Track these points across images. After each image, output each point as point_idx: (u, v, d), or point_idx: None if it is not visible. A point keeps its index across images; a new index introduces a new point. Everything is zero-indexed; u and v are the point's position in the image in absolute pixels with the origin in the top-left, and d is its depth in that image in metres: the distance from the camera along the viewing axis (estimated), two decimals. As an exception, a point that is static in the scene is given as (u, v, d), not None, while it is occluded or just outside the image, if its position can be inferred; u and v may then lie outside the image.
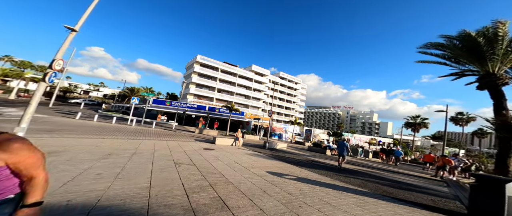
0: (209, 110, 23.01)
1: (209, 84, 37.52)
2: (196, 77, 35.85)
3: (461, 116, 42.34)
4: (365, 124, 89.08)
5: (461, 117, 42.22)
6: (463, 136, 52.54)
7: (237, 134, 10.66)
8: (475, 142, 72.91)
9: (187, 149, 7.04)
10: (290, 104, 55.82)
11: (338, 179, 5.27)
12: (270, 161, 6.82)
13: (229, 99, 40.02)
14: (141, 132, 10.39)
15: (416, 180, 7.56)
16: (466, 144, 67.30)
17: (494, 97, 8.01)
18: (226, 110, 24.77)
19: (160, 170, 3.87)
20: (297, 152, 12.15)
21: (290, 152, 11.02)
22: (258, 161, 6.49)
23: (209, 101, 36.03)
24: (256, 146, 11.62)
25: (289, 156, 9.19)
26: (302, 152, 12.34)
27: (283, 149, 12.24)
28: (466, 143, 72.75)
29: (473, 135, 50.42)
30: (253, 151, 8.93)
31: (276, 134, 26.55)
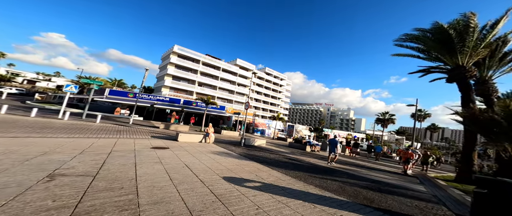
0: (184, 103, 20.59)
1: (188, 77, 34.34)
2: (173, 68, 32.29)
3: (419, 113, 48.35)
4: (343, 120, 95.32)
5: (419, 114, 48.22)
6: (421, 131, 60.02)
7: (208, 129, 9.13)
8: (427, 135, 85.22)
9: (122, 148, 5.29)
10: (275, 100, 55.65)
11: (313, 184, 4.27)
12: (238, 161, 5.56)
13: (212, 93, 37.52)
14: (70, 129, 8.00)
15: (391, 177, 7.20)
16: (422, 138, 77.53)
17: (462, 90, 8.15)
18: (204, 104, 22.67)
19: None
20: (276, 149, 11.21)
21: (267, 149, 9.97)
22: (222, 162, 5.16)
23: (189, 95, 33.04)
24: (231, 143, 10.28)
25: (265, 154, 8.10)
26: (281, 149, 11.46)
27: (261, 146, 11.15)
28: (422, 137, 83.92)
29: (427, 130, 58.70)
30: (223, 149, 7.57)
31: (258, 129, 25.55)
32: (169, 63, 31.88)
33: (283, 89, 58.29)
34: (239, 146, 9.56)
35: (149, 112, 20.09)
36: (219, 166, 4.71)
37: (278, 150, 10.47)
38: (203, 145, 8.10)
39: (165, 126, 12.63)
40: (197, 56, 36.13)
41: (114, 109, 17.69)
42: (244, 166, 5.14)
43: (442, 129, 58.05)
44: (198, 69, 35.74)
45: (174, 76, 32.19)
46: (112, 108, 19.43)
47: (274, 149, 10.65)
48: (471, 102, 7.42)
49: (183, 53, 33.71)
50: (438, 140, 78.36)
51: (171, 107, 19.35)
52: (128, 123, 11.78)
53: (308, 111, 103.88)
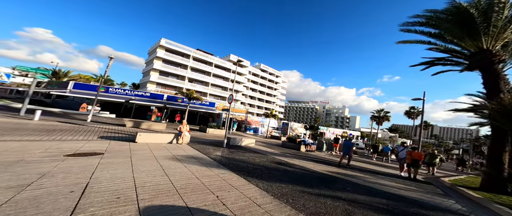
0: (168, 99, 18.56)
1: (177, 72, 32.07)
2: (159, 63, 29.92)
3: (413, 110, 48.34)
4: (338, 118, 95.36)
5: (413, 111, 48.19)
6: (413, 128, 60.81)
7: (181, 127, 7.37)
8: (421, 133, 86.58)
9: (22, 158, 3.47)
10: (271, 98, 54.11)
11: (305, 209, 2.65)
12: (204, 172, 3.92)
13: (204, 90, 35.46)
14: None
15: (404, 186, 5.77)
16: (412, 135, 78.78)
17: (487, 78, 6.82)
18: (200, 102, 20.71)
19: None
20: (265, 149, 9.61)
21: (254, 151, 8.35)
22: (177, 175, 3.51)
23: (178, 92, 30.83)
24: (213, 144, 8.60)
25: (250, 157, 6.49)
26: (271, 149, 9.86)
27: (249, 147, 9.52)
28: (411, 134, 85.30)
29: (419, 127, 59.22)
30: (196, 152, 5.92)
31: (251, 128, 23.91)
32: (155, 57, 29.49)
33: (279, 86, 56.80)
34: (220, 147, 7.88)
35: (128, 109, 17.97)
36: (164, 182, 3.02)
37: (267, 151, 8.87)
38: (172, 147, 6.37)
39: (134, 124, 10.69)
40: (187, 50, 33.84)
41: (80, 105, 15.47)
42: (209, 179, 3.48)
43: (431, 126, 59.51)
44: (188, 64, 33.51)
45: (161, 71, 29.85)
46: (77, 103, 17.15)
47: (263, 150, 9.04)
48: (500, 92, 6.03)
49: (171, 47, 31.34)
50: (427, 137, 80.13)
51: (152, 103, 17.32)
52: (87, 120, 9.76)
53: (304, 109, 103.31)
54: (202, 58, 36.32)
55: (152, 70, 28.93)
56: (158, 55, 29.18)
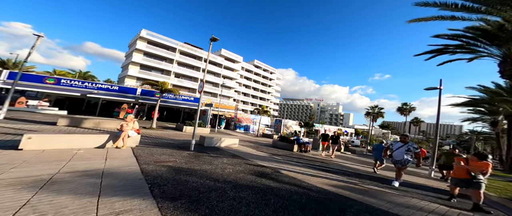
0: (142, 94, 15.90)
1: (162, 67, 29.10)
2: (140, 56, 26.83)
3: (405, 107, 48.06)
4: (332, 115, 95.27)
5: (405, 107, 47.93)
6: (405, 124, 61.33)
7: (123, 125, 5.07)
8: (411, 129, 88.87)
9: None
10: (265, 95, 52.08)
11: None
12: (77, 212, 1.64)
13: (193, 86, 32.74)
14: None
15: (430, 198, 3.83)
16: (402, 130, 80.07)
17: None
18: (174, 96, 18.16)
19: None
20: (251, 151, 7.52)
21: (233, 155, 6.26)
22: None
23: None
24: (177, 147, 6.45)
25: (216, 168, 4.46)
26: (258, 151, 7.78)
27: (229, 149, 7.41)
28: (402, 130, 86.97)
29: (410, 123, 59.75)
30: (121, 164, 3.81)
31: (242, 125, 21.71)
32: (135, 50, 26.35)
33: (273, 83, 54.81)
34: (184, 151, 5.71)
35: (92, 106, 15.16)
36: None
37: (251, 154, 6.77)
38: (93, 154, 4.08)
39: (72, 122, 8.13)
40: (173, 43, 30.86)
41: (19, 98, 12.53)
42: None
43: (420, 122, 60.82)
44: (174, 58, 30.58)
45: (143, 65, 26.77)
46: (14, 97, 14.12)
47: (246, 153, 6.93)
48: None
49: (154, 39, 28.25)
50: (415, 133, 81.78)
51: (122, 98, 14.64)
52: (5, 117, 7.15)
53: (299, 107, 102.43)
54: (190, 52, 33.45)
55: (131, 64, 25.80)
56: (138, 47, 26.06)
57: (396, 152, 4.72)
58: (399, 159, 4.65)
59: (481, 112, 24.28)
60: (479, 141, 42.09)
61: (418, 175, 7.35)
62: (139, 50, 26.75)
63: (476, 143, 40.90)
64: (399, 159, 4.66)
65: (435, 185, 5.67)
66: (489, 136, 35.82)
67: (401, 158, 4.63)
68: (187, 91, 31.57)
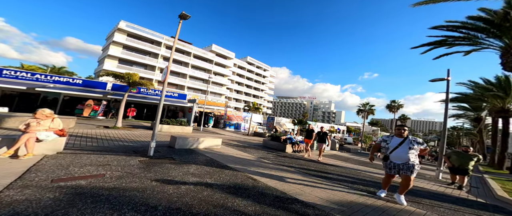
0: (114, 89, 13.73)
1: (145, 62, 26.53)
2: (118, 50, 24.13)
3: (394, 104, 49.13)
4: (325, 113, 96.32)
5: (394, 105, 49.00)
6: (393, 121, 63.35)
7: (29, 124, 3.31)
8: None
9: None
10: (258, 92, 50.67)
11: None
12: None
13: (180, 82, 30.47)
14: None
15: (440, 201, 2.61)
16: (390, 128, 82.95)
17: None
18: (154, 91, 16.17)
19: None
20: (235, 154, 6.11)
21: (208, 161, 4.91)
22: None
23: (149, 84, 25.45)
24: (128, 151, 4.74)
25: (161, 185, 3.10)
26: (245, 154, 6.40)
27: (205, 151, 5.97)
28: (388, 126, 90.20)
29: (398, 120, 61.86)
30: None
31: (232, 124, 20.11)
32: (112, 42, 23.57)
33: (267, 81, 53.51)
34: (137, 157, 4.14)
35: (49, 102, 12.78)
36: None
37: (234, 158, 5.37)
38: None
39: None
40: (157, 37, 28.30)
41: None
42: None
43: (407, 119, 63.39)
44: (159, 53, 28.08)
45: (122, 60, 24.06)
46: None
47: (228, 156, 5.53)
48: None
49: (135, 32, 25.57)
50: None
51: (88, 93, 12.42)
52: None
53: (292, 105, 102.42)
54: (177, 46, 30.98)
55: (108, 58, 23.00)
56: (115, 39, 23.28)
57: (396, 152, 3.05)
58: (403, 162, 2.97)
59: (465, 109, 24.85)
60: (462, 137, 43.74)
61: (422, 178, 6.36)
62: (117, 43, 23.98)
63: (462, 138, 42.42)
64: (402, 162, 2.98)
65: (457, 194, 4.54)
66: (470, 132, 37.34)
67: (405, 160, 2.95)
68: (174, 87, 29.30)
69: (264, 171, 4.32)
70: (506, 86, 14.86)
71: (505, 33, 8.71)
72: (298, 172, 4.73)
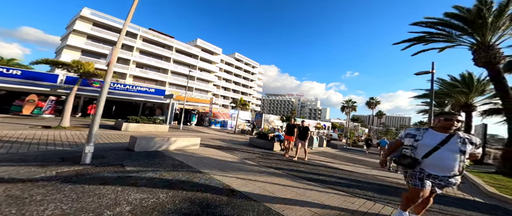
0: (68, 82, 11.27)
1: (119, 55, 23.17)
2: (82, 40, 20.59)
3: (372, 101, 52.81)
4: (311, 110, 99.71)
5: (372, 101, 52.68)
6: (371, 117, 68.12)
7: None
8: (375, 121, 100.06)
9: None
10: (247, 89, 49.52)
11: None
12: None
13: (161, 78, 27.69)
14: None
15: None
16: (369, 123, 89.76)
17: None
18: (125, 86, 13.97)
19: None
20: (213, 155, 5.15)
21: (176, 165, 3.86)
22: None
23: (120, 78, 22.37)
24: (55, 158, 3.31)
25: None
26: (226, 155, 5.44)
27: (175, 153, 4.88)
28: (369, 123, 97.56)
29: (376, 116, 66.90)
30: None
31: (218, 121, 18.75)
32: (72, 32, 19.88)
33: (255, 78, 52.56)
34: (60, 167, 2.84)
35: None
36: None
37: (212, 160, 4.44)
38: None
39: None
40: (132, 28, 25.04)
41: None
42: None
43: (382, 115, 69.73)
44: (134, 46, 24.92)
45: (86, 51, 20.49)
46: None
47: (204, 159, 4.57)
48: None
49: (102, 21, 22.08)
50: (378, 125, 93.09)
51: (32, 86, 9.89)
52: None
53: (281, 102, 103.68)
54: (156, 39, 27.98)
55: (67, 48, 19.26)
56: (76, 28, 19.63)
57: (436, 156, 1.75)
58: (446, 175, 1.73)
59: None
60: None
61: None
62: (80, 32, 20.30)
63: None
64: (445, 175, 1.74)
65: (453, 193, 4.16)
66: None
67: (450, 169, 1.72)
68: (153, 83, 26.51)
69: (246, 177, 3.40)
70: (470, 82, 16.34)
71: (476, 30, 9.11)
72: (287, 175, 3.92)
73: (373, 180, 4.36)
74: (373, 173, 5.33)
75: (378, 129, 68.12)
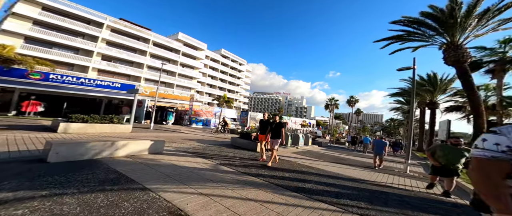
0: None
1: (75, 45, 19.52)
2: (25, 25, 16.51)
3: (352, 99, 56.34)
4: (298, 108, 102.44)
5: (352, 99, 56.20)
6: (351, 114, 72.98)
7: None
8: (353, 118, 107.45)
9: None
10: (234, 87, 47.84)
11: None
12: None
13: (135, 73, 24.47)
14: None
15: None
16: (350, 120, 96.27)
17: None
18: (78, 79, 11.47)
19: None
20: (174, 160, 4.07)
21: (98, 181, 2.60)
22: None
23: (81, 72, 18.82)
24: None
25: None
26: (197, 160, 4.34)
27: (117, 161, 3.62)
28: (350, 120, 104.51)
29: (354, 114, 72.04)
30: None
31: (200, 119, 17.10)
32: (12, 15, 15.76)
33: (243, 75, 51.13)
34: None
35: None
36: None
37: (173, 168, 3.18)
38: None
39: None
40: (97, 17, 21.38)
41: None
42: None
43: (360, 112, 75.92)
44: (99, 36, 21.33)
45: (31, 38, 16.50)
46: None
47: (162, 166, 3.39)
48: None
49: (55, 6, 18.16)
50: (357, 122, 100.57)
51: None
52: None
53: (268, 100, 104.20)
54: (129, 31, 24.53)
55: (2, 34, 15.12)
56: (16, 11, 15.60)
57: None
58: None
59: (401, 103, 29.86)
60: (397, 127, 53.52)
61: (391, 170, 5.92)
62: (22, 16, 16.23)
63: (398, 129, 51.54)
64: None
65: (453, 201, 3.46)
66: (402, 123, 46.21)
67: None
68: (125, 78, 23.23)
69: (214, 191, 2.39)
70: (434, 82, 17.86)
71: (447, 30, 9.42)
72: (268, 185, 3.01)
73: (363, 186, 3.75)
74: (360, 176, 4.78)
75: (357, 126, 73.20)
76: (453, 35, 9.51)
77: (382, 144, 6.01)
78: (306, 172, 4.29)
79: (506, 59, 10.42)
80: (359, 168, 5.75)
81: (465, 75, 9.16)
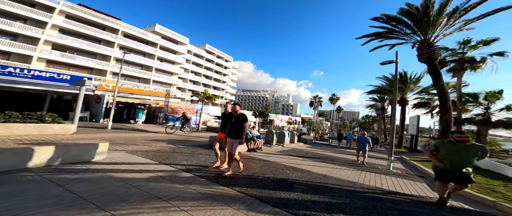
0: None
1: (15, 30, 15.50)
2: None
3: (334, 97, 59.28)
4: (284, 106, 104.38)
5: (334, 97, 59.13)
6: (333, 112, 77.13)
7: None
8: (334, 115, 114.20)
9: None
10: (219, 84, 45.64)
11: None
12: None
13: (99, 66, 20.90)
14: None
15: None
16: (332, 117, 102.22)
17: None
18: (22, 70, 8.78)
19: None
20: (120, 174, 2.56)
21: None
22: None
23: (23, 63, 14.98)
24: None
25: None
26: (148, 167, 3.08)
27: (18, 176, 1.90)
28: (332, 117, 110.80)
29: (336, 111, 76.47)
30: None
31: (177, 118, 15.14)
32: None
33: (229, 72, 49.15)
34: None
35: None
36: None
37: (117, 181, 2.07)
38: None
39: None
40: (47, 0, 17.32)
41: None
42: None
43: (341, 109, 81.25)
44: (48, 22, 17.40)
45: None
46: None
47: (84, 179, 2.18)
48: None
49: None
50: (337, 119, 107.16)
51: None
52: None
53: (256, 98, 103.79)
54: (89, 18, 20.71)
55: None
56: None
57: None
58: None
59: (375, 100, 32.04)
60: (372, 124, 58.07)
61: (375, 168, 5.71)
62: None
63: (373, 124, 55.87)
64: None
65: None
66: (375, 119, 50.39)
67: None
68: (86, 72, 19.66)
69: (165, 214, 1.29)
70: (405, 80, 19.22)
71: (421, 28, 9.72)
72: (242, 198, 2.17)
73: (354, 190, 3.29)
74: (348, 176, 4.23)
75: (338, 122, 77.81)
76: (426, 33, 9.85)
77: (365, 140, 6.26)
78: (292, 176, 3.52)
79: (465, 59, 11.34)
80: (346, 167, 5.35)
81: (435, 72, 9.59)
